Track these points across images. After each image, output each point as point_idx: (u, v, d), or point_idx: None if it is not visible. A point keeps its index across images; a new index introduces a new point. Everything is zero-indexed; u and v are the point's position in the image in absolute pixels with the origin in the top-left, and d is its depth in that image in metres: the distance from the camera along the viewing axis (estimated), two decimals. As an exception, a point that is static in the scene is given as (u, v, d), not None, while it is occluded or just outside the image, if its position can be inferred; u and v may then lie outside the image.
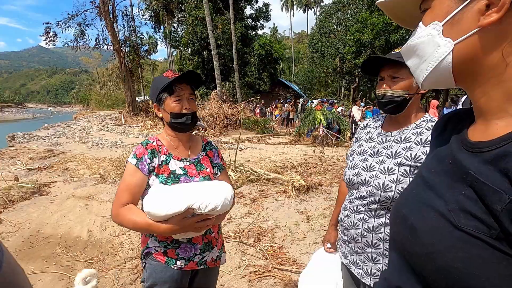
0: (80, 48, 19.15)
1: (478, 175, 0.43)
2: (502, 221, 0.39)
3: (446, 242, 0.44)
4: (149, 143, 1.27)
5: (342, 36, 24.73)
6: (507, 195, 0.39)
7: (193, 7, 23.70)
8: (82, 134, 13.44)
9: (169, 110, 1.25)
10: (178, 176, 1.25)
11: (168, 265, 1.24)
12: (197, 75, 1.29)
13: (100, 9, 17.21)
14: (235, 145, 6.56)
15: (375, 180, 1.10)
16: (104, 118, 20.34)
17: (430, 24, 0.49)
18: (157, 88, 1.25)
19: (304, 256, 2.83)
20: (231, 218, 3.72)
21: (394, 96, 1.11)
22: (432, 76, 0.50)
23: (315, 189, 4.71)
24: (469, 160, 0.47)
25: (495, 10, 0.42)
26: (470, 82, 0.49)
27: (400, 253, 0.55)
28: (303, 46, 48.55)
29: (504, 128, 0.45)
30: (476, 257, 0.41)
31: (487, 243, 0.40)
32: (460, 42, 0.46)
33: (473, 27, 0.44)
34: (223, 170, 1.44)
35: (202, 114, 13.57)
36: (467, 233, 0.42)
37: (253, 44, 26.14)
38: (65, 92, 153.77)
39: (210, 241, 1.32)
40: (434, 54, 0.49)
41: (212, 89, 19.42)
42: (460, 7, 0.45)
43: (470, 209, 0.43)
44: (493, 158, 0.43)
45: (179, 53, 31.02)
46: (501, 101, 0.46)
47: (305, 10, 52.46)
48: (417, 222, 0.51)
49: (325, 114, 9.54)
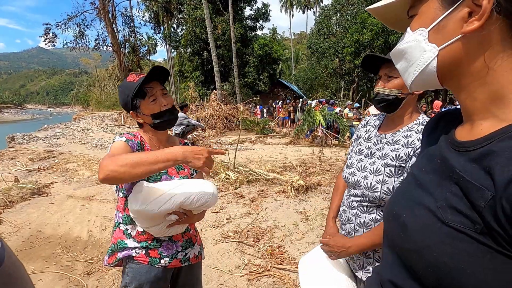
0: (79, 49, 19.22)
1: (463, 173, 0.46)
2: (485, 217, 0.41)
3: (435, 238, 0.46)
4: (135, 136, 1.26)
5: (342, 37, 24.81)
6: (489, 192, 0.41)
7: (193, 8, 23.73)
8: (81, 135, 13.45)
9: (148, 112, 1.23)
10: (160, 175, 1.25)
11: (152, 265, 1.23)
12: (162, 69, 1.25)
13: (99, 10, 17.26)
14: (235, 146, 6.57)
15: (365, 180, 1.14)
16: (103, 119, 20.35)
17: (417, 30, 0.51)
18: (128, 95, 1.21)
19: (302, 255, 2.84)
20: (231, 218, 3.74)
21: (387, 94, 1.13)
22: (419, 79, 0.53)
23: (314, 189, 4.73)
24: (455, 159, 0.49)
25: (476, 18, 0.44)
26: (455, 85, 0.52)
27: (392, 249, 0.57)
28: (303, 47, 48.63)
29: (488, 128, 0.47)
30: (462, 252, 0.43)
31: (472, 237, 0.42)
32: (445, 48, 0.48)
33: (456, 33, 0.47)
34: (198, 171, 1.41)
35: (201, 114, 13.59)
36: (454, 228, 0.44)
37: (253, 45, 26.16)
38: (65, 93, 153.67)
39: (190, 238, 1.35)
40: (421, 59, 0.51)
41: (212, 89, 19.45)
42: (445, 14, 0.48)
43: (457, 205, 0.45)
44: (478, 157, 0.45)
45: (178, 54, 31.07)
46: (485, 102, 0.48)
47: (304, 10, 52.56)
48: (408, 219, 0.53)
49: (325, 114, 9.57)
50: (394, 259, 0.56)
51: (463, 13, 0.46)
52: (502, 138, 0.43)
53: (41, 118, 43.19)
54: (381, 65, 1.18)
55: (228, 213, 3.90)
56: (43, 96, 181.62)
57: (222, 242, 3.12)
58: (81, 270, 2.70)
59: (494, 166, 0.41)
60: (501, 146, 0.43)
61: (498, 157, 0.42)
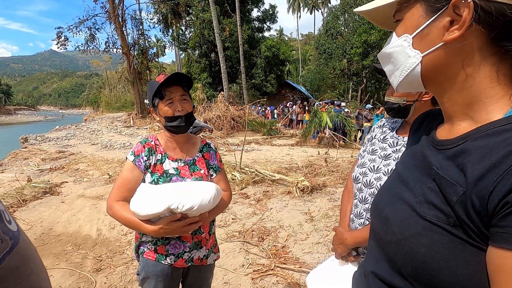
0: (90, 52, 19.59)
1: (439, 169, 0.49)
2: (457, 210, 0.44)
3: (413, 230, 0.50)
4: (147, 142, 1.32)
5: (350, 37, 24.65)
6: (461, 187, 0.44)
7: (201, 10, 23.98)
8: (92, 136, 13.72)
9: (162, 114, 1.28)
10: (170, 176, 1.28)
11: (158, 261, 1.28)
12: (185, 76, 1.29)
13: (110, 13, 17.58)
14: (241, 147, 6.62)
15: (378, 182, 1.12)
16: (113, 120, 20.69)
17: (402, 36, 0.54)
18: (151, 93, 1.28)
19: (306, 255, 2.87)
20: (236, 218, 3.78)
21: (393, 103, 1.15)
22: (404, 82, 0.56)
23: (319, 190, 4.74)
24: (434, 156, 0.53)
25: (457, 28, 0.46)
26: (437, 88, 0.55)
27: (376, 242, 0.61)
28: (310, 48, 48.45)
29: (465, 129, 0.50)
30: (437, 243, 0.46)
31: (446, 230, 0.46)
32: (428, 54, 0.51)
33: (438, 41, 0.49)
34: (219, 171, 1.43)
35: (209, 116, 13.70)
36: (429, 221, 0.48)
37: (260, 46, 26.25)
38: (76, 94, 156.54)
39: (200, 241, 1.35)
40: (405, 64, 0.54)
41: (219, 91, 19.59)
42: (427, 22, 0.50)
43: (433, 200, 0.49)
44: (453, 154, 0.49)
45: (186, 56, 31.37)
46: (463, 106, 0.51)
47: (312, 11, 52.42)
48: (390, 214, 0.57)
49: (331, 115, 9.54)
50: (377, 251, 0.60)
51: (445, 21, 0.48)
52: (475, 138, 0.47)
53: (53, 120, 44.14)
54: None
55: (234, 213, 3.94)
56: (55, 98, 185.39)
57: (227, 242, 3.16)
58: (90, 267, 2.78)
59: (467, 163, 0.45)
60: (474, 145, 0.46)
61: (470, 155, 0.45)
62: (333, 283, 1.13)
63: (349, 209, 1.26)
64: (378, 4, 0.56)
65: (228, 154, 7.98)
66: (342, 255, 1.17)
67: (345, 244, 1.14)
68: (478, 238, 0.43)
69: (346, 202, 1.29)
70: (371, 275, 0.60)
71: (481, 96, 0.48)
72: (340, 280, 1.12)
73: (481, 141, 0.45)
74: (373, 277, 0.59)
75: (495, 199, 0.39)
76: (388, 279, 0.56)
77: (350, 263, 1.17)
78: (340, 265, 1.19)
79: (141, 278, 1.32)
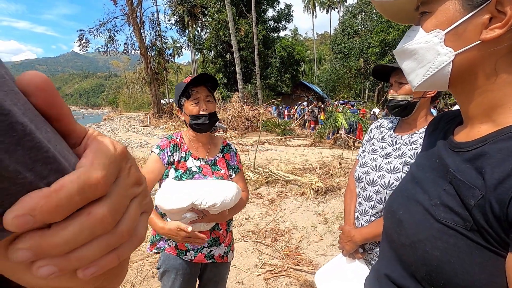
0: (109, 53, 20.19)
1: (456, 172, 0.48)
2: (475, 215, 0.43)
3: (428, 233, 0.49)
4: (173, 138, 1.37)
5: (367, 37, 24.22)
6: (479, 191, 0.43)
7: (216, 11, 24.22)
8: (110, 135, 14.13)
9: (188, 112, 1.33)
10: (193, 173, 1.32)
11: (179, 256, 1.34)
12: (210, 77, 1.34)
13: (128, 15, 18.06)
14: (255, 147, 6.64)
15: (382, 179, 1.14)
16: (131, 120, 21.23)
17: (432, 31, 0.49)
18: (178, 93, 1.34)
19: (320, 257, 2.84)
20: (250, 218, 3.80)
21: (399, 100, 1.15)
22: (429, 81, 0.52)
23: (334, 191, 4.68)
24: (451, 158, 0.51)
25: (499, 26, 0.43)
26: (460, 89, 0.52)
27: (389, 245, 0.60)
28: (326, 47, 47.94)
29: (485, 131, 0.48)
30: (452, 246, 0.45)
31: (462, 234, 0.45)
32: (461, 53, 0.47)
33: (475, 39, 0.45)
34: (238, 172, 1.48)
35: (223, 116, 13.81)
36: (445, 225, 0.47)
37: (275, 46, 26.23)
38: (96, 95, 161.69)
39: (218, 237, 1.39)
40: (434, 62, 0.50)
41: (234, 91, 19.72)
42: (465, 17, 0.45)
43: (449, 203, 0.47)
44: (472, 157, 0.47)
45: (202, 56, 31.78)
46: (486, 108, 0.49)
47: (328, 10, 51.83)
48: (404, 215, 0.56)
49: (347, 116, 9.40)
50: (390, 254, 0.59)
51: (484, 18, 0.44)
52: (496, 140, 0.45)
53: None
54: (391, 72, 1.20)
55: (247, 213, 3.96)
56: (76, 98, 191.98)
57: (240, 241, 3.18)
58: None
59: (486, 166, 0.43)
60: (494, 148, 0.44)
61: (490, 158, 0.44)
62: (341, 280, 1.18)
63: (352, 208, 1.29)
64: None
65: (242, 154, 8.01)
66: (350, 252, 1.20)
67: (353, 241, 1.16)
68: (497, 243, 0.42)
69: (349, 202, 1.33)
70: (384, 278, 0.59)
71: (506, 100, 0.46)
72: (347, 277, 1.17)
73: (501, 144, 0.44)
74: (386, 280, 0.58)
75: None
76: (401, 282, 0.55)
77: (357, 260, 1.21)
78: (348, 263, 1.22)
79: (161, 272, 1.37)
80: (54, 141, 0.18)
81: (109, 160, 0.20)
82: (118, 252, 0.21)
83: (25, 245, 0.17)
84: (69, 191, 0.17)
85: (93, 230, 0.19)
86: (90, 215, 0.19)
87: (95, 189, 0.18)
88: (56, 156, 0.18)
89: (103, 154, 0.20)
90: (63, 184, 0.17)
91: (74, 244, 0.18)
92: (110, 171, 0.20)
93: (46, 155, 0.17)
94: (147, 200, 0.25)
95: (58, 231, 0.18)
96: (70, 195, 0.17)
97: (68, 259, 0.18)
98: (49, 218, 0.17)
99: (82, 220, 0.18)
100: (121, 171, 0.21)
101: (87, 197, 0.18)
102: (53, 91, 0.19)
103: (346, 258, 1.23)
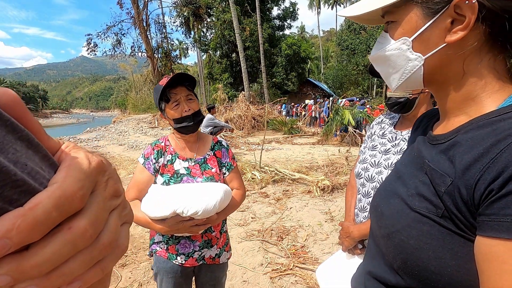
0: (117, 56, 20.50)
1: (431, 163, 0.50)
2: (445, 201, 0.45)
3: (404, 222, 0.51)
4: (157, 144, 1.34)
5: (373, 32, 23.90)
6: (449, 178, 0.44)
7: (221, 11, 24.27)
8: (119, 137, 14.34)
9: (171, 116, 1.28)
10: (181, 176, 1.29)
11: (169, 260, 1.32)
12: (187, 75, 1.28)
13: (134, 18, 18.29)
14: (261, 146, 6.64)
15: (379, 176, 1.15)
16: (139, 121, 21.50)
17: (400, 39, 0.52)
18: (156, 98, 1.28)
19: (326, 256, 2.82)
20: (255, 217, 3.80)
21: (398, 97, 1.15)
22: (404, 84, 0.55)
23: (340, 189, 4.65)
24: (428, 151, 0.53)
25: (461, 28, 0.45)
26: (435, 87, 0.55)
27: (373, 240, 0.62)
28: (332, 44, 47.54)
29: (459, 123, 0.50)
30: (426, 233, 0.47)
31: (435, 221, 0.46)
32: (429, 56, 0.50)
33: (441, 42, 0.48)
34: (232, 169, 1.41)
35: (230, 115, 13.86)
36: (419, 213, 0.48)
37: (281, 45, 26.14)
38: (105, 97, 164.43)
39: (210, 239, 1.35)
40: (406, 67, 0.53)
41: (240, 90, 19.75)
42: (428, 24, 0.48)
43: (424, 192, 0.49)
44: (446, 148, 0.49)
45: (208, 57, 31.92)
46: (458, 102, 0.51)
47: (333, 6, 51.35)
48: (384, 208, 0.57)
49: (354, 113, 9.30)
50: (375, 249, 0.60)
51: (446, 22, 0.46)
52: (466, 130, 0.47)
53: (84, 122, 46.69)
54: None
55: (253, 212, 3.97)
56: (86, 101, 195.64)
57: (246, 240, 3.19)
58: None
59: (456, 154, 0.45)
60: (464, 137, 0.46)
61: (460, 146, 0.46)
62: (341, 275, 1.19)
63: (353, 204, 1.30)
64: (367, 10, 0.54)
65: (248, 153, 8.03)
66: (349, 248, 1.21)
67: (352, 237, 1.18)
68: (467, 228, 0.43)
69: (350, 198, 1.34)
70: (367, 275, 0.61)
71: (478, 92, 0.48)
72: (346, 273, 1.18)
73: (471, 133, 0.45)
74: (368, 277, 0.60)
75: (481, 187, 0.39)
76: (381, 276, 0.56)
77: (356, 256, 1.22)
78: (348, 258, 1.23)
79: (154, 273, 1.39)
80: (25, 160, 0.18)
81: (84, 174, 0.20)
82: (101, 265, 0.21)
83: (3, 270, 0.16)
84: (45, 207, 0.17)
85: (75, 244, 0.18)
86: (71, 229, 0.18)
87: (71, 202, 0.18)
88: (24, 178, 0.17)
89: (77, 168, 0.20)
90: (38, 201, 0.17)
91: (56, 261, 0.18)
92: (85, 185, 0.19)
93: (15, 179, 0.16)
94: (127, 211, 0.25)
95: (38, 250, 0.17)
96: (46, 211, 0.17)
97: (51, 278, 0.18)
98: (27, 238, 0.16)
99: (63, 235, 0.18)
100: (98, 184, 0.21)
101: (65, 210, 0.18)
102: (21, 107, 0.19)
103: (346, 254, 1.24)
